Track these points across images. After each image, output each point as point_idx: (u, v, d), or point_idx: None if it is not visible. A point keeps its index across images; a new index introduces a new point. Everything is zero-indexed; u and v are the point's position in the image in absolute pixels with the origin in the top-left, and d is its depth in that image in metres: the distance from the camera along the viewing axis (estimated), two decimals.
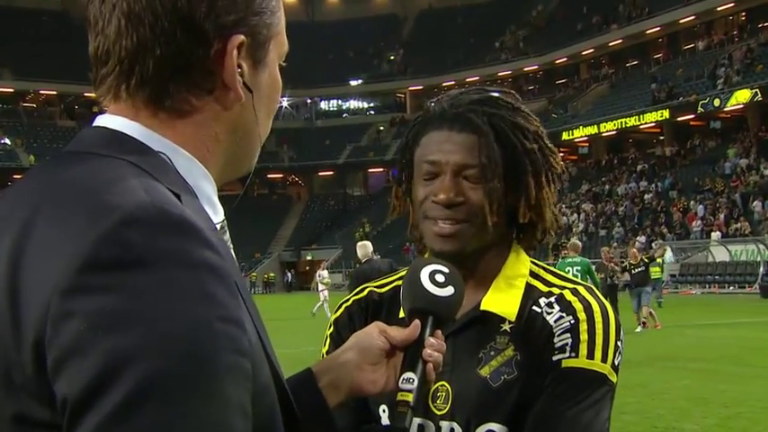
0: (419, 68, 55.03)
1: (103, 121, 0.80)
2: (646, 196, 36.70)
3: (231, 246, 0.83)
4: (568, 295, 1.21)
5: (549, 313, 1.20)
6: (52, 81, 50.33)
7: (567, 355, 1.16)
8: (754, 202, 30.76)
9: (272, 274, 48.42)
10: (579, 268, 12.40)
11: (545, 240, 1.28)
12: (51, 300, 0.64)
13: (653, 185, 37.28)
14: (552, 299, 1.22)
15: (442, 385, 1.20)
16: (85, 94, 54.37)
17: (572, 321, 1.18)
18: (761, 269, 26.20)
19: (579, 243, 14.47)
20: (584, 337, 1.16)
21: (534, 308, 1.22)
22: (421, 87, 56.37)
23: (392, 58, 58.33)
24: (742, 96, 35.36)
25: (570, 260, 12.82)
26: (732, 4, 40.23)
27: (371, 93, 58.18)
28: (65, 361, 0.63)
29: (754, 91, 34.81)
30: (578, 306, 1.19)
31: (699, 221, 31.93)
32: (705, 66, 39.16)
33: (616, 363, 1.17)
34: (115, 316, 0.63)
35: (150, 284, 0.64)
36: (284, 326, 16.11)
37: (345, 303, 1.36)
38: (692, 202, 33.60)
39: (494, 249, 1.25)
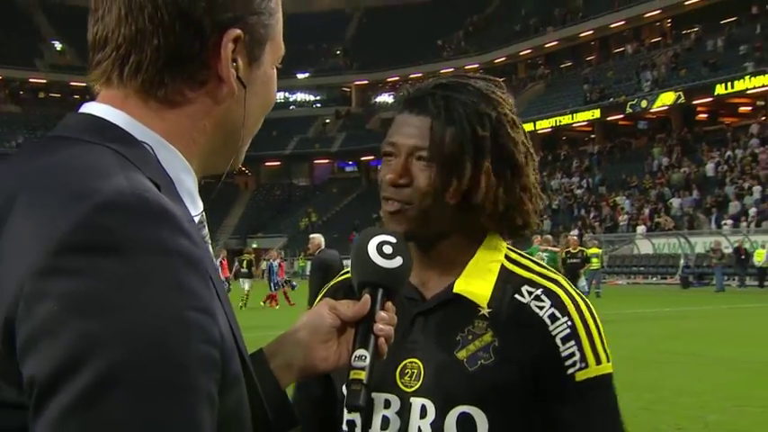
0: (364, 64, 54.90)
1: (89, 107, 0.78)
2: (577, 191, 37.43)
3: (209, 241, 0.80)
4: (555, 288, 1.18)
5: (540, 307, 1.16)
6: None
7: (579, 366, 1.14)
8: (671, 199, 31.67)
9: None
10: (548, 255, 14.44)
11: (518, 230, 1.22)
12: (26, 280, 0.62)
13: (584, 181, 38.04)
14: (539, 291, 1.18)
15: (412, 362, 1.17)
16: (31, 80, 52.63)
17: (569, 323, 1.15)
18: (682, 261, 27.01)
19: (551, 237, 16.74)
20: (585, 342, 1.15)
21: (518, 297, 1.18)
22: (366, 82, 56.27)
23: (338, 52, 58.03)
24: (667, 98, 36.35)
25: (543, 248, 14.91)
26: (659, 11, 41.31)
27: (318, 86, 57.72)
28: (35, 341, 0.61)
29: (677, 93, 35.84)
30: (569, 303, 1.17)
31: (625, 216, 32.73)
32: (633, 69, 40.09)
33: (609, 353, 1.18)
34: (88, 299, 0.61)
35: (124, 270, 0.62)
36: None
37: (323, 290, 1.34)
38: (618, 198, 34.42)
39: (460, 235, 1.21)
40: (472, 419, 1.13)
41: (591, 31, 44.25)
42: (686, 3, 39.52)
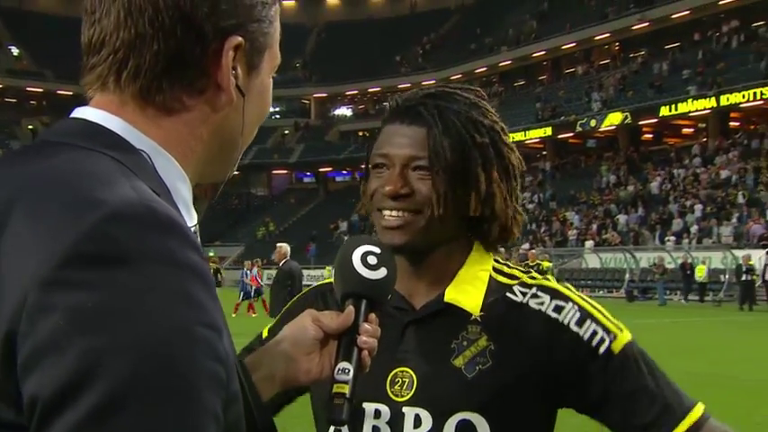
0: (324, 77, 54.85)
1: (82, 112, 0.74)
2: (529, 206, 37.92)
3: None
4: (547, 283, 1.17)
5: (540, 303, 1.14)
6: None
7: (609, 340, 1.12)
8: (618, 215, 32.33)
9: None
10: None
11: (508, 239, 1.21)
12: (29, 293, 0.58)
13: (536, 196, 38.58)
14: (533, 289, 1.16)
15: (403, 371, 1.14)
16: None
17: (576, 307, 1.14)
18: (627, 276, 27.50)
19: (503, 250, 16.84)
20: (600, 318, 1.14)
21: (510, 295, 1.16)
22: (325, 95, 56.29)
23: (298, 65, 57.88)
24: (615, 118, 37.15)
25: None
26: (608, 35, 42.25)
27: (277, 97, 57.24)
28: (39, 357, 0.57)
29: (625, 114, 36.66)
30: (565, 290, 1.16)
31: (574, 231, 33.25)
32: (583, 89, 40.90)
33: None
34: (95, 313, 0.57)
35: (134, 283, 0.59)
36: None
37: (300, 295, 1.31)
38: (568, 213, 34.98)
39: (451, 245, 1.18)
40: (472, 426, 1.10)
41: (543, 52, 45.03)
42: (633, 28, 40.50)
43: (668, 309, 22.20)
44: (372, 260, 1.01)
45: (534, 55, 45.54)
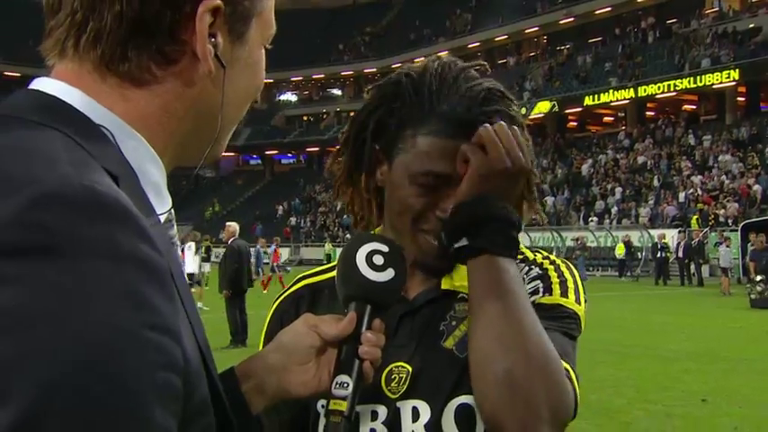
0: (269, 62, 53.26)
1: (40, 83, 0.62)
2: None
3: (177, 242, 0.67)
4: (534, 256, 1.08)
5: (522, 270, 1.04)
6: None
7: (541, 294, 1.00)
8: (547, 197, 32.94)
9: None
10: None
11: None
12: None
13: None
14: (525, 263, 1.06)
15: (399, 366, 0.99)
16: None
17: (539, 272, 1.03)
18: (554, 254, 28.14)
19: None
20: (555, 280, 1.02)
21: None
22: (271, 80, 55.19)
23: None
24: (543, 107, 37.70)
25: None
26: (537, 29, 42.84)
27: None
28: None
29: (552, 103, 37.27)
30: (545, 261, 1.06)
31: None
32: (515, 79, 41.34)
33: (585, 309, 1.02)
34: (14, 314, 0.45)
35: (64, 278, 0.47)
36: None
37: (276, 301, 1.11)
38: None
39: None
40: (471, 410, 0.96)
41: (478, 43, 45.33)
42: (560, 22, 41.15)
43: (590, 284, 22.71)
44: (379, 260, 0.86)
45: (469, 46, 45.73)
